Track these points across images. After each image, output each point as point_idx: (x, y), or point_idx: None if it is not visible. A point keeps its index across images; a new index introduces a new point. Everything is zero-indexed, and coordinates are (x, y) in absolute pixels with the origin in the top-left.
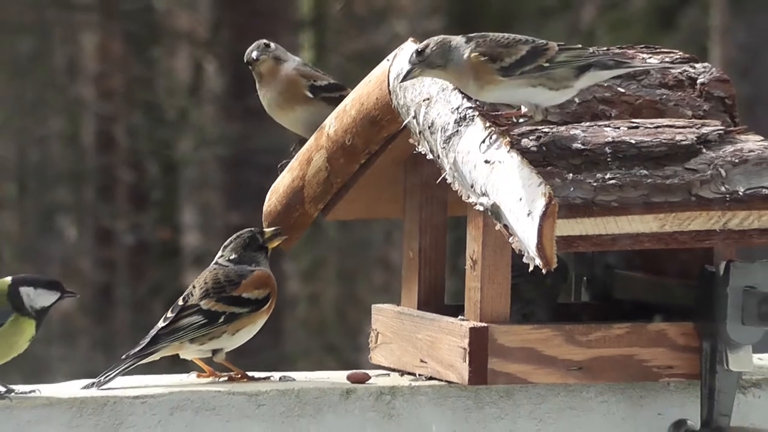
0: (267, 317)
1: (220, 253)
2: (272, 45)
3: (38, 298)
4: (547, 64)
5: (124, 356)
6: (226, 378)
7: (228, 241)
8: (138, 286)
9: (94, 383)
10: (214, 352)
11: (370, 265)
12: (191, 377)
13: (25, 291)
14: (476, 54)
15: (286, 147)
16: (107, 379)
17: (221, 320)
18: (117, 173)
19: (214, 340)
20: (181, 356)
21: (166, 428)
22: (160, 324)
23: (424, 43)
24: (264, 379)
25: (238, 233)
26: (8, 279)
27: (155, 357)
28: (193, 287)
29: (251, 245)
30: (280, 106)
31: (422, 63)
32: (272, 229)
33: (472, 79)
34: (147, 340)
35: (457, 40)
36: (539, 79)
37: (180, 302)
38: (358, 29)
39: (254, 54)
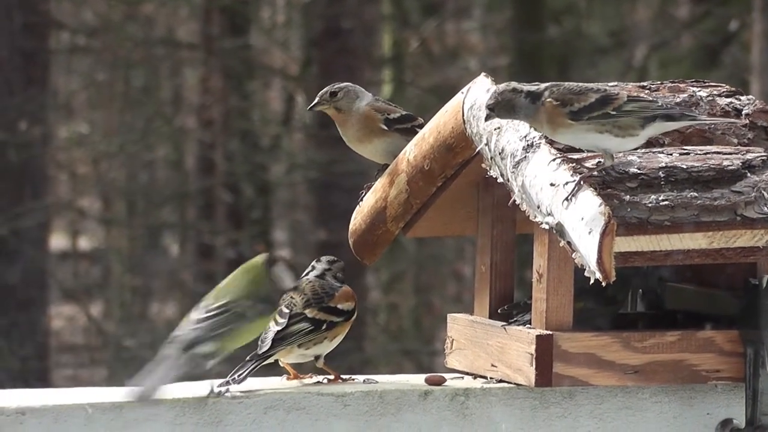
0: (351, 326)
1: (326, 267)
2: (339, 93)
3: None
4: (614, 112)
5: (248, 358)
6: (313, 380)
7: (333, 258)
8: None
9: (228, 381)
10: (316, 357)
11: (444, 277)
12: (282, 380)
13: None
14: (550, 100)
15: (368, 171)
16: (241, 378)
17: (324, 327)
18: (216, 194)
19: (317, 345)
20: (283, 360)
21: (260, 426)
22: (274, 329)
23: (494, 98)
24: (349, 379)
25: (336, 259)
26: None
27: (271, 360)
28: (293, 297)
29: (344, 272)
30: (359, 140)
31: (494, 113)
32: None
33: (546, 122)
34: (266, 345)
35: (526, 90)
36: (606, 126)
37: (285, 310)
38: (433, 65)
39: (316, 100)
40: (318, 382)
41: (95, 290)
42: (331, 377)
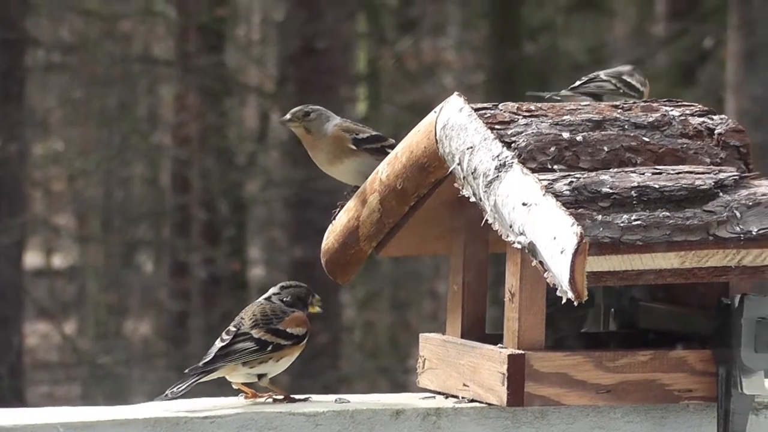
0: (302, 350)
1: (276, 291)
2: (312, 113)
3: None
4: None
5: (187, 371)
6: (269, 399)
7: (288, 284)
8: (210, 314)
9: (166, 395)
10: (260, 376)
11: (420, 295)
12: (240, 399)
13: None
14: None
15: (344, 188)
16: (179, 391)
17: (269, 348)
18: (192, 212)
19: (263, 364)
20: (230, 379)
21: None
22: (218, 345)
23: None
24: (303, 399)
25: (298, 284)
26: None
27: (214, 375)
28: (242, 318)
29: (303, 299)
30: (330, 162)
31: None
32: (319, 299)
33: None
34: (208, 358)
35: None
36: None
37: (232, 328)
38: (409, 83)
39: (287, 116)
40: (274, 399)
41: (70, 308)
42: (280, 397)
